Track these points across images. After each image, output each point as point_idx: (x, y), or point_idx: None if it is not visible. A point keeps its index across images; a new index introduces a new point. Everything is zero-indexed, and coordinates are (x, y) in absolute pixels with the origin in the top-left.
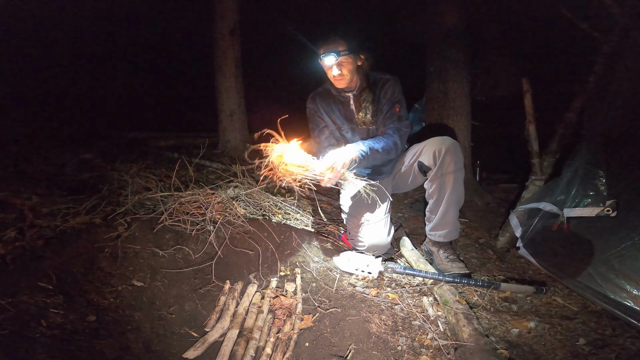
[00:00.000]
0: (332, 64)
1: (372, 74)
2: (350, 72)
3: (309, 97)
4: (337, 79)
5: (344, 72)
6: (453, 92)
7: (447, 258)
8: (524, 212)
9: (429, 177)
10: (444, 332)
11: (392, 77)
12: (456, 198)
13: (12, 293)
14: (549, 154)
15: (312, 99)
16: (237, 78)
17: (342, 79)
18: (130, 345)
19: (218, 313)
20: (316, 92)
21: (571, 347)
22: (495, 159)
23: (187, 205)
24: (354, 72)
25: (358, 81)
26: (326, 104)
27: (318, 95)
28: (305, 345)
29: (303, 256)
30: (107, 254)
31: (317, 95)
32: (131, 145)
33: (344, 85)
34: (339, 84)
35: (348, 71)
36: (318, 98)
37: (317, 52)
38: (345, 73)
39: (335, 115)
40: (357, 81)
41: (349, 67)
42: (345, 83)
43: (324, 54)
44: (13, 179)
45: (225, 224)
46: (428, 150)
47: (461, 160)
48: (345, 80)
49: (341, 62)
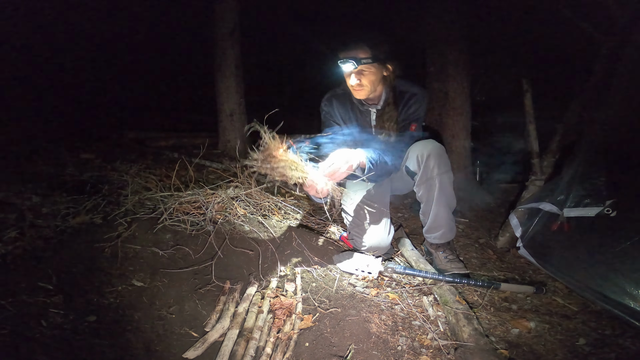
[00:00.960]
0: (350, 72)
1: (399, 83)
2: (371, 83)
3: (325, 97)
4: (356, 89)
5: (364, 83)
6: (453, 92)
7: (447, 258)
8: (524, 212)
9: (416, 181)
10: (444, 332)
11: (420, 92)
12: (445, 200)
13: (12, 293)
14: (549, 154)
15: (328, 101)
16: (237, 78)
17: (361, 90)
18: (130, 345)
19: (218, 313)
20: (333, 93)
21: (571, 347)
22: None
23: (187, 205)
24: (377, 83)
25: (383, 94)
26: (344, 109)
27: (336, 97)
28: (305, 345)
29: (303, 256)
30: (107, 254)
31: (335, 97)
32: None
33: (363, 96)
34: (357, 94)
35: (369, 82)
36: (335, 101)
37: (336, 55)
38: (366, 84)
39: (351, 124)
40: (381, 94)
41: (370, 77)
42: (364, 94)
43: (342, 62)
44: (13, 179)
45: (225, 223)
46: (412, 156)
47: (446, 163)
48: (365, 92)
49: (362, 71)
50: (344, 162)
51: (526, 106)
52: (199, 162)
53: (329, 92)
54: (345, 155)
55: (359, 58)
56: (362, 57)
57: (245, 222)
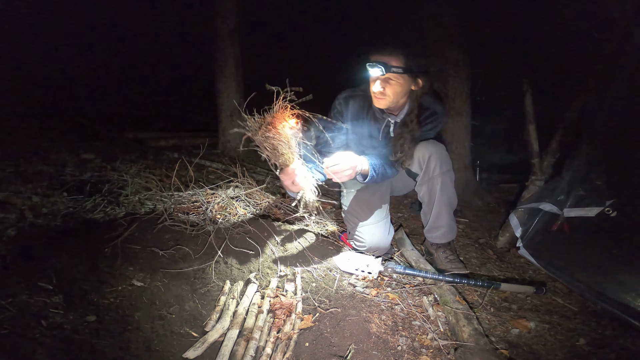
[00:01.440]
0: (376, 77)
1: (423, 98)
2: (395, 94)
3: (341, 96)
4: (377, 97)
5: (388, 92)
6: (453, 92)
7: (447, 258)
8: (524, 212)
9: (417, 181)
10: (444, 332)
11: (441, 112)
12: (446, 200)
13: (12, 293)
14: (549, 154)
15: (343, 100)
16: (237, 78)
17: (383, 99)
18: (130, 345)
19: (218, 313)
20: (351, 93)
21: (571, 347)
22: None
23: (187, 205)
24: (402, 95)
25: (405, 107)
26: (359, 110)
27: (353, 98)
28: (305, 345)
29: (303, 256)
30: (107, 254)
31: (352, 97)
32: (131, 145)
33: (383, 106)
34: (377, 103)
35: (393, 92)
36: (351, 101)
37: (367, 56)
38: (389, 94)
39: (362, 129)
40: (403, 106)
41: (396, 88)
42: (384, 104)
43: (371, 65)
44: (13, 179)
45: (225, 223)
46: (413, 157)
47: (447, 163)
48: (386, 102)
49: (388, 80)
50: (349, 166)
51: (526, 106)
52: (199, 162)
53: (347, 90)
54: (352, 159)
55: (389, 65)
56: (393, 64)
57: (245, 222)
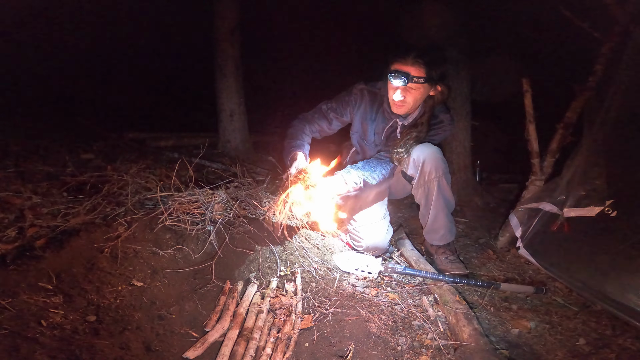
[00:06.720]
0: (397, 87)
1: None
2: (416, 101)
3: (361, 86)
4: (397, 105)
5: (408, 100)
6: (453, 92)
7: (447, 259)
8: (524, 212)
9: (414, 185)
10: (444, 332)
11: (448, 121)
12: (443, 203)
13: (12, 293)
14: (549, 154)
15: (360, 92)
16: (237, 78)
17: (403, 107)
18: (130, 345)
19: (218, 313)
20: (371, 88)
21: (571, 347)
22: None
23: (187, 205)
24: (420, 100)
25: (420, 112)
26: (371, 107)
27: (370, 93)
28: (305, 345)
29: (303, 256)
30: (107, 254)
31: (370, 93)
32: (131, 145)
33: (403, 112)
34: (397, 109)
35: (413, 100)
36: (368, 96)
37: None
38: (409, 101)
39: (368, 126)
40: (418, 111)
41: (416, 95)
42: (404, 111)
43: (393, 74)
44: (13, 179)
45: (225, 224)
46: (408, 160)
47: (443, 166)
48: (406, 109)
49: (409, 89)
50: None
51: (526, 106)
52: (199, 162)
53: (368, 83)
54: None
55: (412, 76)
56: (415, 75)
57: (245, 222)
